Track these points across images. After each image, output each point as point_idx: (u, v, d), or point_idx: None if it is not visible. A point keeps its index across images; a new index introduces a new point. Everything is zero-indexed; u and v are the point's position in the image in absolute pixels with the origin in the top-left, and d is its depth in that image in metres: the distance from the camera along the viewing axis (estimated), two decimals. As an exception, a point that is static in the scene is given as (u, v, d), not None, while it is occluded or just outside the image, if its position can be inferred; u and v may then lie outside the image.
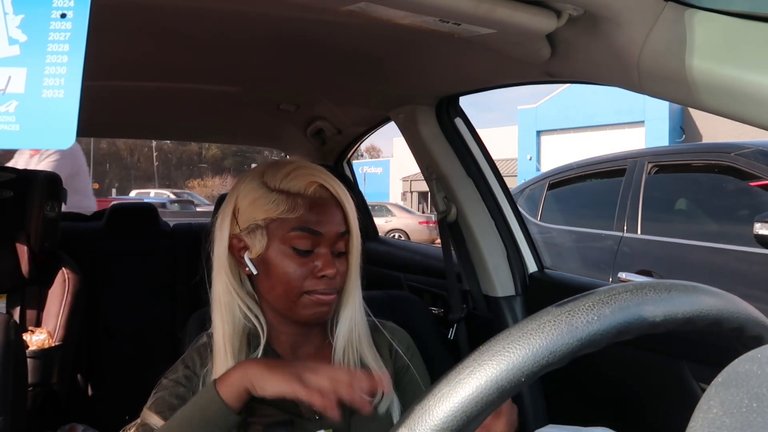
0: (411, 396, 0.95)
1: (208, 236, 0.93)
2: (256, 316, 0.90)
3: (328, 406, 0.71)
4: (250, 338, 0.90)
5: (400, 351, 1.00)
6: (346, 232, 0.89)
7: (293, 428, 0.85)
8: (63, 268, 1.79)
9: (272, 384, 0.74)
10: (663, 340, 1.09)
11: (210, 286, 0.91)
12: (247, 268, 0.88)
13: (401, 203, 23.32)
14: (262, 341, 0.89)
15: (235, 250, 0.89)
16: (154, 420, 0.81)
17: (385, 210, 16.15)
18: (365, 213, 2.45)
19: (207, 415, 0.75)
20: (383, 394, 0.87)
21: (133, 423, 0.85)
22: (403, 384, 0.98)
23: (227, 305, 0.89)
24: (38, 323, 1.76)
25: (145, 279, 2.29)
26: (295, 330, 0.93)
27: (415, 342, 1.06)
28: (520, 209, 1.62)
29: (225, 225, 0.89)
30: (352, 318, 0.92)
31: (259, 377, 0.75)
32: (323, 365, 0.79)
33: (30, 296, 1.78)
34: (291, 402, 0.88)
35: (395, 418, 0.91)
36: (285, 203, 0.86)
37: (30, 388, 1.54)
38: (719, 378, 0.32)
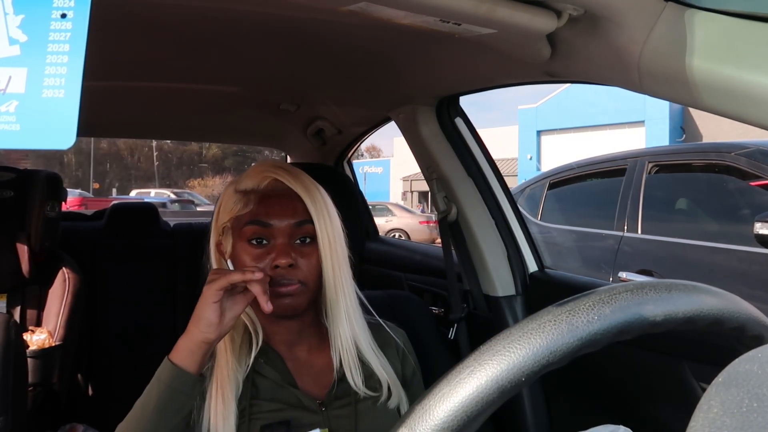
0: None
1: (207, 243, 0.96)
2: (250, 317, 0.91)
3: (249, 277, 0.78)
4: (250, 337, 0.91)
5: (407, 352, 1.01)
6: (306, 222, 0.89)
7: (290, 428, 0.86)
8: (63, 268, 1.79)
9: (201, 310, 0.79)
10: (663, 339, 1.09)
11: None
12: None
13: (401, 203, 23.31)
14: (257, 340, 0.91)
15: (223, 255, 0.93)
16: None
17: (385, 210, 16.15)
18: (366, 213, 2.45)
19: (163, 380, 0.79)
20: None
21: None
22: (413, 386, 0.99)
23: None
24: (38, 323, 1.76)
25: (145, 279, 2.29)
26: (286, 327, 0.93)
27: (416, 342, 1.06)
28: (521, 209, 1.62)
29: (212, 232, 0.95)
30: (342, 314, 0.92)
31: (193, 322, 0.80)
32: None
33: (30, 296, 1.78)
34: (292, 395, 0.88)
35: None
36: (241, 201, 0.90)
37: (30, 388, 1.54)
38: (720, 378, 0.32)
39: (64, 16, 0.44)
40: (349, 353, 0.91)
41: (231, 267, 0.90)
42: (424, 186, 12.16)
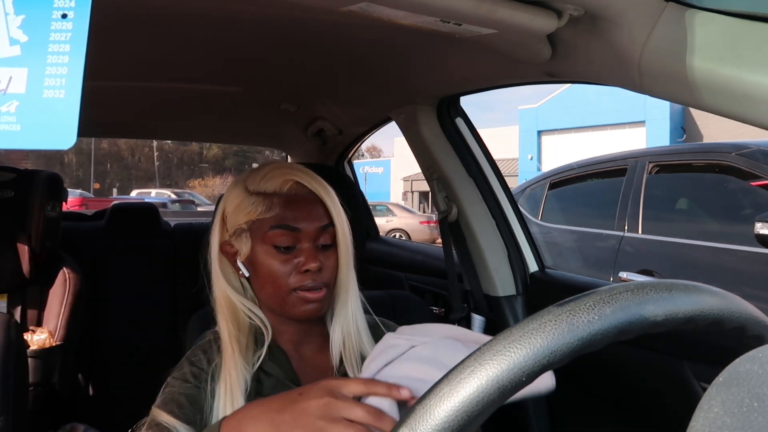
0: None
1: (205, 243, 0.95)
2: (259, 317, 0.91)
3: None
4: (256, 336, 0.91)
5: None
6: (329, 225, 0.89)
7: None
8: (64, 268, 1.79)
9: (295, 418, 0.68)
10: (664, 339, 1.09)
11: (210, 290, 0.93)
12: (240, 272, 0.91)
13: (402, 203, 23.31)
14: (267, 339, 0.90)
15: (229, 256, 0.91)
16: (164, 417, 0.82)
17: (386, 210, 16.15)
18: (366, 213, 2.45)
19: None
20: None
21: (142, 421, 0.85)
22: None
23: (229, 308, 0.91)
24: (39, 323, 1.76)
25: (146, 279, 2.29)
26: (294, 328, 0.93)
27: (416, 342, 1.06)
28: (521, 209, 1.62)
29: (216, 232, 0.93)
30: (350, 313, 0.92)
31: (275, 411, 0.69)
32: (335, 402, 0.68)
33: (31, 296, 1.78)
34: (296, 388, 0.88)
35: None
36: (262, 204, 0.88)
37: (31, 388, 1.54)
38: (720, 377, 0.32)
39: (64, 16, 0.44)
40: (351, 351, 0.91)
41: (244, 270, 0.90)
42: (424, 186, 12.16)
